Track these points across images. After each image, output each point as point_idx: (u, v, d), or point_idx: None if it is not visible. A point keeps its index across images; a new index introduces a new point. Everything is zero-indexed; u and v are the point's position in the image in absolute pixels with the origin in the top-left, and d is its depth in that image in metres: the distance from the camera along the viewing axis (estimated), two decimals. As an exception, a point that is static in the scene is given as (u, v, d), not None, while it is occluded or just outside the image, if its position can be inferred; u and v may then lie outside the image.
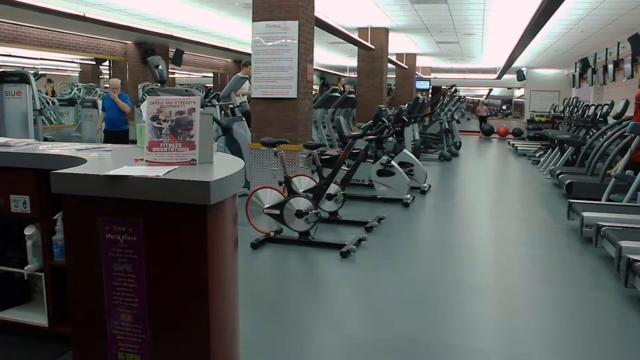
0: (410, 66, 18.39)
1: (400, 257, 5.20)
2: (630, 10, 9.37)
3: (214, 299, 1.96)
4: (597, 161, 8.62)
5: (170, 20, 11.82)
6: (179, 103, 2.13)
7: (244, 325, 2.44)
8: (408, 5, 10.21)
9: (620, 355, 3.22)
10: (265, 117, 6.58)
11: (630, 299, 4.03)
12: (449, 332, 3.50)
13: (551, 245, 5.77)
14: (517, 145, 16.55)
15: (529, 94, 21.93)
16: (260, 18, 6.49)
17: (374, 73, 13.16)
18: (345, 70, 22.98)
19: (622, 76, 12.24)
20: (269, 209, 5.16)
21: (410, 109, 10.94)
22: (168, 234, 1.93)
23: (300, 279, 4.58)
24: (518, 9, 9.64)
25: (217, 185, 1.88)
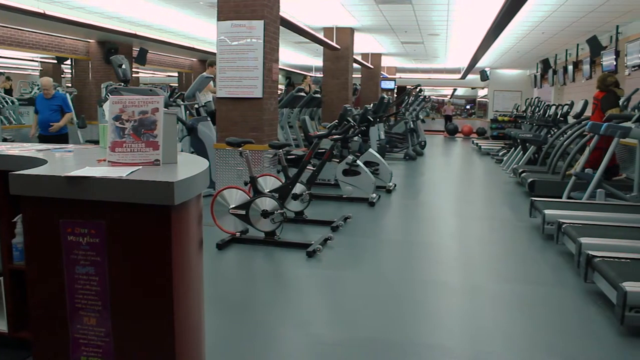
0: (376, 66, 18.50)
1: (366, 256, 5.22)
2: (588, 13, 9.60)
3: (178, 301, 1.94)
4: (557, 160, 8.81)
5: (134, 18, 11.66)
6: (142, 103, 2.10)
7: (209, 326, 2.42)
8: (373, 6, 10.27)
9: (581, 350, 3.29)
10: (230, 116, 6.55)
11: (590, 293, 4.12)
12: (415, 330, 3.53)
13: (514, 243, 5.87)
14: (481, 145, 16.78)
15: (492, 94, 22.26)
16: (225, 17, 6.46)
17: (339, 73, 13.20)
18: (311, 70, 23.00)
19: (581, 77, 12.52)
20: (235, 209, 5.13)
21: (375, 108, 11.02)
22: (131, 235, 1.90)
23: (266, 279, 4.57)
24: (481, 10, 9.78)
25: (181, 186, 1.86)
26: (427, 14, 10.86)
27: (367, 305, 3.95)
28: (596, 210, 5.87)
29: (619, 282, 3.44)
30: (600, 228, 4.99)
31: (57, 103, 7.66)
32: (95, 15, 11.04)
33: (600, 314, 3.76)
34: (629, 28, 10.16)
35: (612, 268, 3.75)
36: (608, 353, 3.27)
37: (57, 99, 7.72)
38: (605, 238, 4.61)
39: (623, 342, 3.35)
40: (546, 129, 11.56)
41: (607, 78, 8.41)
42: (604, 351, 3.29)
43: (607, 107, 7.87)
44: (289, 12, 10.07)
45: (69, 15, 9.79)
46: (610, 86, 8.25)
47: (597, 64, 11.35)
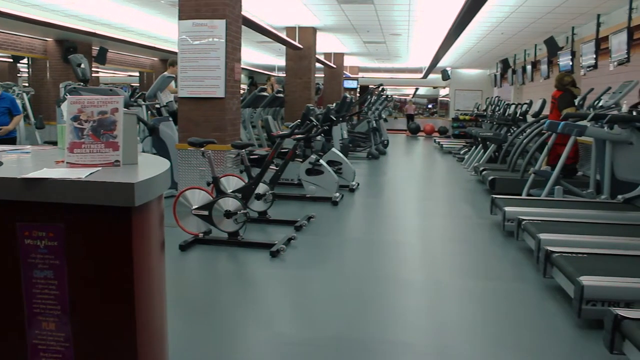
0: (338, 65, 18.56)
1: (330, 255, 5.24)
2: (545, 14, 9.80)
3: (140, 303, 1.92)
4: (517, 158, 8.97)
5: (93, 17, 11.45)
6: (101, 103, 2.07)
7: (173, 329, 2.40)
8: (335, 5, 10.30)
9: (540, 343, 3.36)
10: (192, 116, 6.49)
11: (549, 288, 4.21)
12: (379, 328, 3.55)
13: (476, 240, 5.96)
14: (443, 143, 16.98)
15: (454, 93, 22.56)
16: (186, 16, 6.40)
17: (302, 72, 13.20)
18: (274, 69, 22.94)
19: (539, 76, 12.77)
20: (197, 210, 5.09)
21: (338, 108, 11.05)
22: (91, 237, 1.87)
23: (229, 280, 4.55)
24: (442, 10, 9.89)
25: (142, 187, 1.84)
26: (389, 13, 10.94)
27: (331, 303, 3.97)
28: (554, 207, 6.00)
29: (576, 276, 3.53)
30: (558, 224, 5.11)
31: (5, 105, 7.08)
32: (53, 13, 10.81)
33: (558, 308, 3.85)
34: (583, 29, 10.41)
35: (569, 263, 3.84)
36: (566, 345, 3.36)
37: (4, 100, 7.13)
38: (563, 234, 4.71)
39: (580, 334, 3.44)
40: (506, 127, 11.76)
41: (564, 77, 8.61)
42: (562, 343, 3.37)
43: (564, 106, 8.05)
44: (251, 12, 10.02)
45: (25, 12, 9.56)
46: (567, 85, 8.44)
47: (554, 64, 11.59)
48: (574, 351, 3.30)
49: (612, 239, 4.65)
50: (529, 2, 8.94)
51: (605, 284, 3.46)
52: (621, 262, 3.99)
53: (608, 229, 5.00)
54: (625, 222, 5.31)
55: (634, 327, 2.76)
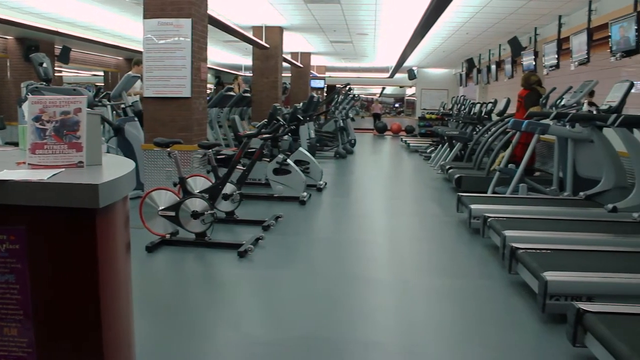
0: (305, 65, 18.56)
1: (298, 255, 5.24)
2: (509, 15, 9.95)
3: (106, 307, 1.89)
4: (483, 156, 9.10)
5: (55, 15, 11.24)
6: (63, 103, 2.03)
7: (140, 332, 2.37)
8: (302, 5, 10.30)
9: (506, 338, 3.42)
10: (158, 116, 6.43)
11: (514, 284, 4.28)
12: (348, 327, 3.56)
13: (443, 238, 6.02)
14: (409, 142, 17.11)
15: (420, 92, 22.75)
16: (151, 15, 6.33)
17: (269, 72, 13.16)
18: (241, 69, 22.83)
19: (503, 76, 12.96)
20: (164, 210, 5.04)
21: (305, 107, 11.05)
22: (54, 240, 1.84)
23: (197, 281, 4.52)
24: (408, 10, 9.97)
25: (106, 188, 1.81)
26: (356, 13, 10.98)
27: (300, 303, 3.96)
28: (519, 204, 6.11)
29: (540, 272, 3.59)
30: (523, 221, 5.19)
31: None
32: (13, 11, 10.57)
33: (523, 304, 3.91)
34: (545, 30, 10.60)
35: (534, 259, 3.91)
36: (531, 340, 3.42)
37: None
38: (527, 230, 4.79)
39: (544, 328, 3.51)
40: (471, 126, 11.92)
41: (530, 77, 8.76)
42: (527, 338, 3.44)
43: (530, 105, 8.20)
44: (217, 11, 9.97)
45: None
46: (534, 85, 8.60)
47: (518, 64, 11.78)
48: (539, 345, 3.37)
49: (574, 235, 4.75)
50: (493, 3, 9.07)
51: (568, 279, 3.54)
52: (583, 258, 4.08)
53: (571, 225, 5.10)
54: (587, 218, 5.42)
55: (595, 321, 2.83)
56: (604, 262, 3.99)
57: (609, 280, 3.58)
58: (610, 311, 2.98)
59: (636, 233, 4.90)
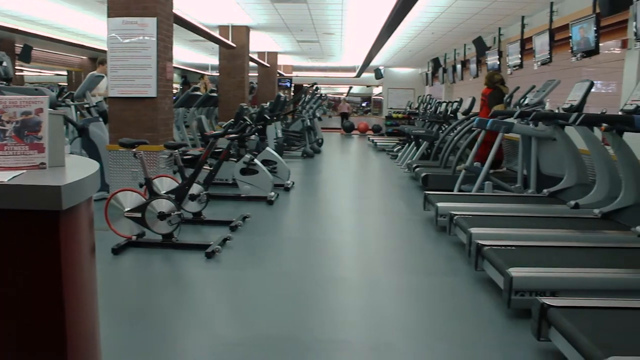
0: (272, 64, 18.52)
1: (266, 255, 5.23)
2: (473, 15, 10.08)
3: (70, 311, 1.86)
4: (449, 154, 9.19)
5: (16, 12, 11.00)
6: (24, 103, 1.99)
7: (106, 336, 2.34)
8: (268, 4, 10.27)
9: (472, 333, 3.46)
10: (123, 117, 6.35)
11: (481, 281, 4.33)
12: (317, 326, 3.57)
13: (410, 236, 6.07)
14: (377, 141, 17.21)
15: (387, 92, 22.89)
16: (115, 14, 6.25)
17: (235, 71, 13.09)
18: (207, 68, 22.67)
19: (469, 75, 13.11)
20: (130, 212, 4.98)
21: (272, 107, 11.03)
22: (16, 244, 1.80)
23: (164, 283, 4.47)
24: (374, 10, 10.02)
25: (70, 189, 1.78)
26: (322, 12, 11.00)
27: (269, 303, 3.95)
28: (484, 201, 6.19)
29: (505, 268, 3.65)
30: (488, 218, 5.27)
31: None
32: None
33: (490, 299, 3.97)
34: (509, 30, 10.77)
35: (499, 256, 3.97)
36: (497, 335, 3.48)
37: None
38: (493, 227, 4.86)
39: (510, 323, 3.57)
40: (437, 125, 12.03)
41: (494, 76, 8.90)
42: (494, 333, 3.49)
43: (493, 104, 8.33)
44: (183, 10, 9.88)
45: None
46: (497, 83, 8.74)
47: (482, 63, 11.93)
48: (505, 340, 3.42)
49: (538, 231, 4.84)
50: (457, 3, 9.18)
51: (533, 275, 3.60)
52: (547, 253, 4.15)
53: (535, 222, 5.20)
54: (550, 215, 5.53)
55: (558, 315, 2.89)
56: (567, 257, 4.07)
57: (571, 275, 3.66)
58: (573, 305, 3.04)
59: (597, 228, 5.01)
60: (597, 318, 2.92)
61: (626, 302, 3.18)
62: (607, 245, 4.43)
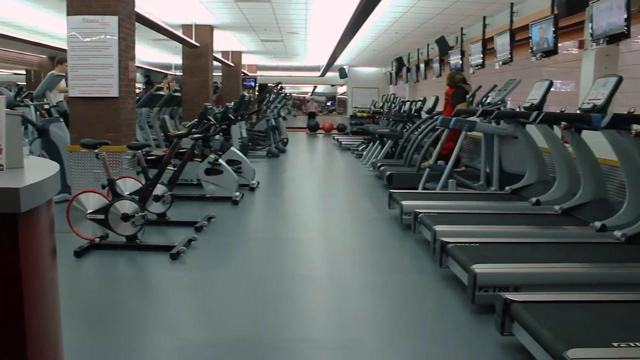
0: (236, 64, 18.42)
1: (231, 255, 5.20)
2: (436, 15, 10.19)
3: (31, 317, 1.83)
4: (413, 153, 9.27)
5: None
6: (-19, 104, 1.95)
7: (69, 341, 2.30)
8: (232, 3, 10.22)
9: (437, 330, 3.51)
10: (84, 117, 6.25)
11: (445, 278, 4.38)
12: (283, 325, 3.56)
13: (375, 234, 6.11)
14: (341, 140, 17.26)
15: (351, 91, 22.99)
16: (75, 12, 6.14)
17: (199, 71, 12.99)
18: (171, 68, 22.44)
19: (432, 74, 13.24)
20: (93, 214, 4.90)
21: (236, 106, 10.98)
22: (-26, 247, 1.76)
23: (129, 285, 4.41)
24: (337, 10, 10.05)
25: (29, 191, 1.75)
26: (286, 12, 10.99)
27: (235, 304, 3.94)
28: (448, 199, 6.27)
29: (469, 265, 3.70)
30: (452, 216, 5.33)
31: None
32: None
33: (454, 296, 4.02)
34: (471, 30, 10.91)
35: (463, 253, 4.03)
36: (462, 330, 3.52)
37: None
38: (457, 225, 4.93)
39: (474, 319, 3.61)
40: (402, 124, 12.13)
41: (455, 75, 9.01)
42: (459, 329, 3.54)
43: (457, 101, 8.44)
44: (145, 8, 9.75)
45: None
46: (459, 83, 8.85)
47: (445, 63, 12.06)
48: (469, 335, 3.46)
49: (501, 228, 4.92)
50: (420, 4, 9.27)
51: (496, 271, 3.66)
52: (509, 250, 4.23)
53: (498, 219, 5.28)
54: (512, 212, 5.63)
55: (521, 310, 2.94)
56: (529, 253, 4.15)
57: (533, 271, 3.73)
58: (535, 300, 3.11)
59: (558, 224, 5.12)
60: (558, 312, 2.98)
61: (586, 295, 3.26)
62: (567, 241, 4.53)
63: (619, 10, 5.26)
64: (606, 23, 5.50)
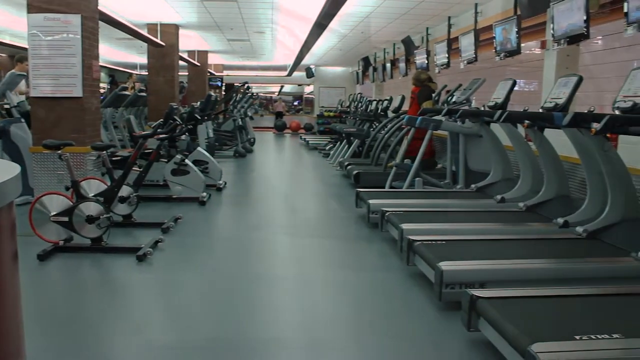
0: (203, 64, 18.28)
1: (199, 256, 5.16)
2: (402, 15, 10.27)
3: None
4: (380, 152, 9.33)
5: None
6: (-61, 104, 1.90)
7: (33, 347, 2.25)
8: (197, 2, 10.15)
9: (405, 327, 3.54)
10: (47, 117, 6.13)
11: (413, 276, 4.41)
12: (251, 326, 3.56)
13: (343, 233, 6.13)
14: (309, 140, 17.27)
15: (318, 90, 23.03)
16: (36, 10, 6.03)
17: (165, 70, 12.86)
18: (136, 67, 22.17)
19: (398, 74, 13.34)
20: (56, 216, 4.81)
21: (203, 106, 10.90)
22: None
23: (95, 288, 4.35)
24: (304, 9, 10.05)
25: (-11, 194, 1.71)
26: (252, 11, 10.95)
27: (203, 305, 3.92)
28: (415, 197, 6.33)
29: (435, 262, 3.74)
30: (419, 214, 5.39)
31: None
32: None
33: (422, 293, 4.06)
34: (436, 30, 11.03)
35: (430, 250, 4.07)
36: (429, 327, 3.56)
37: None
38: (423, 223, 4.97)
39: (441, 316, 3.65)
40: (368, 123, 12.20)
41: (420, 75, 9.09)
42: (426, 326, 3.57)
43: (422, 101, 8.51)
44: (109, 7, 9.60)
45: None
46: (425, 82, 8.93)
47: (411, 62, 12.17)
48: (436, 332, 3.50)
49: (467, 226, 4.99)
50: (386, 4, 9.33)
51: (462, 268, 3.71)
52: (475, 247, 4.29)
53: (463, 216, 5.36)
54: (478, 209, 5.71)
55: (487, 306, 2.99)
56: (495, 250, 4.21)
57: (499, 267, 3.79)
58: (500, 296, 3.16)
59: (522, 221, 5.21)
60: (522, 307, 3.04)
61: (549, 290, 3.32)
62: (532, 237, 4.61)
63: (579, 12, 5.39)
64: (567, 24, 5.62)
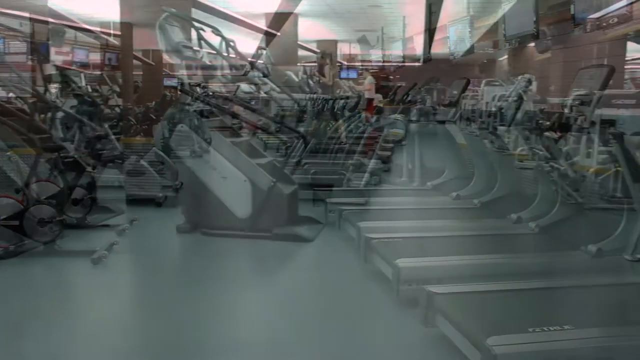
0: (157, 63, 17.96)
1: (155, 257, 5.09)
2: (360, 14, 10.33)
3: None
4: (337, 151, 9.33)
5: None
6: None
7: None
8: (152, 0, 9.99)
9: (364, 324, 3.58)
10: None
11: (370, 273, 4.42)
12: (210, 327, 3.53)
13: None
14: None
15: (275, 90, 22.90)
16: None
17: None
18: (89, 67, 21.68)
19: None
20: (6, 220, 4.69)
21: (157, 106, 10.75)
22: None
23: (48, 293, 4.22)
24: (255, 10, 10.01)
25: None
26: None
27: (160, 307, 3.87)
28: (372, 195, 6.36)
29: (393, 260, 3.77)
30: (376, 212, 5.44)
31: None
32: None
33: (380, 291, 4.07)
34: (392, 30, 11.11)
35: (387, 248, 4.11)
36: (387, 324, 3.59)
37: None
38: (380, 221, 5.02)
39: (399, 312, 3.68)
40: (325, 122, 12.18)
41: None
42: (384, 323, 3.61)
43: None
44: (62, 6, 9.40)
45: None
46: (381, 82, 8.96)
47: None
48: (395, 329, 3.52)
49: (423, 223, 5.06)
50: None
51: (419, 265, 3.76)
52: (432, 243, 4.36)
53: (420, 214, 5.43)
54: (434, 207, 5.79)
55: (443, 302, 3.04)
56: (451, 246, 4.29)
57: (455, 263, 3.87)
58: (456, 291, 3.21)
59: (477, 218, 5.31)
60: (479, 302, 3.10)
61: (504, 284, 3.39)
62: (486, 233, 4.71)
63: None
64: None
